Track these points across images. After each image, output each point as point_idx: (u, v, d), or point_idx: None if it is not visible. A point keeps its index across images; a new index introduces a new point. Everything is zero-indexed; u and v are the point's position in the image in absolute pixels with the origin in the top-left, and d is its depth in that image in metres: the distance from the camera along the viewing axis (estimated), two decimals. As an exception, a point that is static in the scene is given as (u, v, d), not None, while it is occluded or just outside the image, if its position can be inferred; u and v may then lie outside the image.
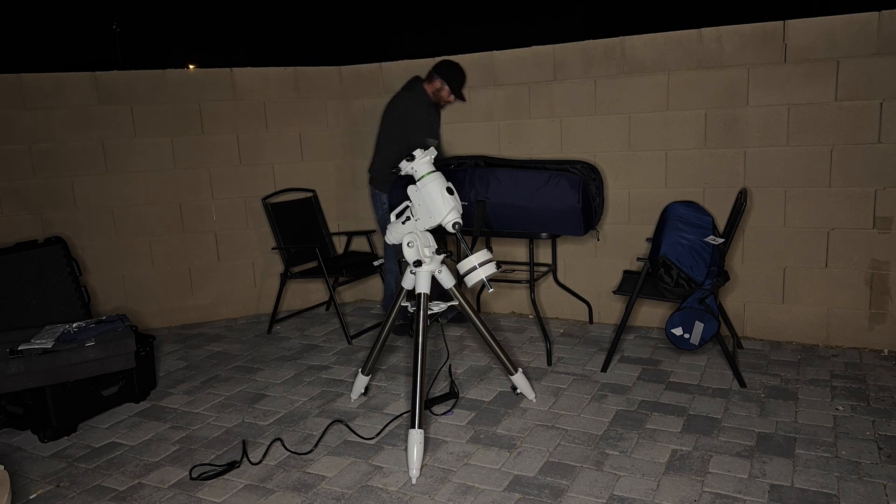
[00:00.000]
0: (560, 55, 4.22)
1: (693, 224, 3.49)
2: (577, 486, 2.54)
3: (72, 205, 4.41)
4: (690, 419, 3.03)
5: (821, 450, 2.72)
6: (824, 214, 3.71)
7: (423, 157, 2.83)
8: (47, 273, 3.90)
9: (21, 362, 3.07)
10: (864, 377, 3.38)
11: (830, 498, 2.40)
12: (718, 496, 2.44)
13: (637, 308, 4.22)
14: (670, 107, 3.96)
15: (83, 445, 3.07)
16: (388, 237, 3.01)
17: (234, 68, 4.65)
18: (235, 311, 4.90)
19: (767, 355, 3.74)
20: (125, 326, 3.48)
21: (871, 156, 3.56)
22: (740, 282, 3.97)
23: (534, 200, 3.76)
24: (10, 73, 4.20)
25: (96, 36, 25.41)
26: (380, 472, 2.71)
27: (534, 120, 4.36)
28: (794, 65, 3.63)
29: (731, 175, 3.88)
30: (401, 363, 3.86)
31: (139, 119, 4.48)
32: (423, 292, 2.85)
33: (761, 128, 3.75)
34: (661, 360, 3.72)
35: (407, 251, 2.87)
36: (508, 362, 3.21)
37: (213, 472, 2.76)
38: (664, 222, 3.57)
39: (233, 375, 3.82)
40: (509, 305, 4.71)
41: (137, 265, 4.61)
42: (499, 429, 3.03)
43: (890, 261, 3.62)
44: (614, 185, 4.20)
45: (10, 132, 4.23)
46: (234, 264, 4.84)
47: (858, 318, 3.74)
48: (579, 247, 4.40)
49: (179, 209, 4.66)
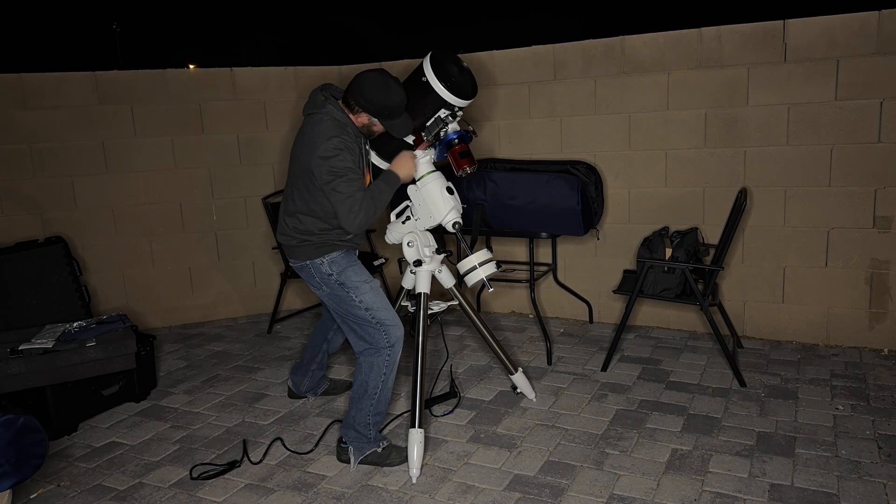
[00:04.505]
0: (560, 55, 4.22)
1: None
2: (577, 486, 2.54)
3: (72, 205, 4.41)
4: (690, 418, 3.03)
5: (821, 449, 2.72)
6: (824, 214, 3.71)
7: (424, 157, 2.83)
8: (47, 273, 3.90)
9: (21, 362, 3.07)
10: (864, 377, 3.38)
11: (830, 497, 2.40)
12: (718, 495, 2.44)
13: (637, 308, 4.22)
14: (670, 106, 3.96)
15: (83, 445, 3.07)
16: (388, 237, 3.01)
17: (234, 68, 4.65)
18: (235, 311, 4.90)
19: (767, 355, 3.74)
20: (126, 327, 3.48)
21: (870, 155, 3.56)
22: (740, 281, 3.97)
23: (533, 203, 3.77)
24: (10, 73, 4.20)
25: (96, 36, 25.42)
26: (380, 472, 2.71)
27: (533, 120, 4.36)
28: (794, 64, 3.63)
29: (731, 175, 3.87)
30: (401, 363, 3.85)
31: (139, 119, 4.48)
32: (424, 292, 2.85)
33: (761, 127, 3.75)
34: (662, 360, 3.72)
35: (407, 251, 2.87)
36: (508, 362, 3.21)
37: (213, 471, 2.77)
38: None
39: (233, 375, 3.82)
40: (509, 305, 4.71)
41: (138, 265, 4.61)
42: (499, 428, 3.03)
43: (890, 260, 3.62)
44: (614, 184, 4.20)
45: (10, 132, 4.22)
46: (234, 264, 4.84)
47: (858, 318, 3.74)
48: (579, 246, 4.40)
49: (179, 209, 4.66)
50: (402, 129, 2.65)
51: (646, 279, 3.51)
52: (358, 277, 2.73)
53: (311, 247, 2.71)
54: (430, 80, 2.55)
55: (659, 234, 3.78)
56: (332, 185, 2.52)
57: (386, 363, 2.74)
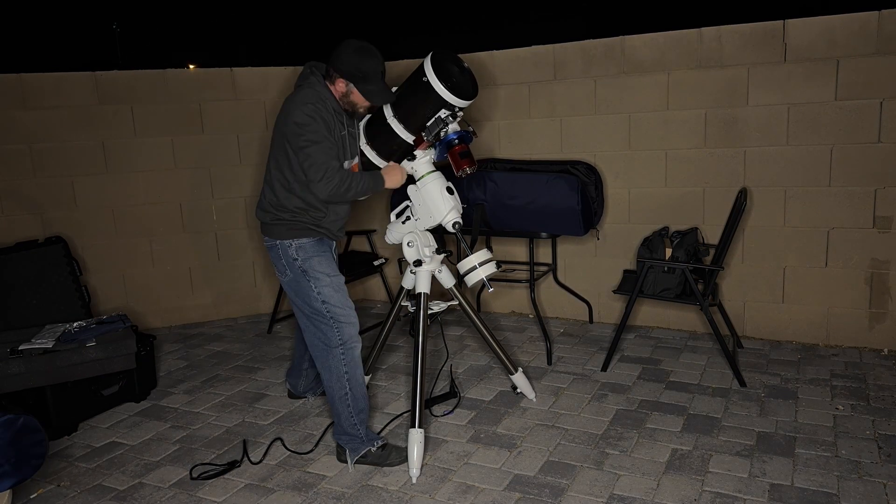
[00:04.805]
0: (560, 55, 4.22)
1: None
2: (577, 486, 2.54)
3: (72, 205, 4.41)
4: (690, 418, 3.03)
5: (821, 449, 2.72)
6: (824, 214, 3.71)
7: (424, 157, 2.83)
8: (47, 273, 3.90)
9: (21, 362, 3.07)
10: (864, 376, 3.38)
11: (830, 497, 2.40)
12: (718, 495, 2.44)
13: (637, 308, 4.22)
14: (670, 106, 3.96)
15: (83, 445, 3.07)
16: (388, 237, 3.01)
17: (234, 68, 4.65)
18: (235, 311, 4.90)
19: (767, 355, 3.74)
20: (126, 327, 3.48)
21: (870, 155, 3.56)
22: (740, 281, 3.97)
23: (533, 203, 3.78)
24: (10, 73, 4.20)
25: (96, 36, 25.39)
26: (380, 472, 2.71)
27: (534, 120, 4.36)
28: (794, 64, 3.63)
29: (731, 174, 3.88)
30: (401, 363, 3.86)
31: (139, 119, 4.48)
32: (424, 292, 2.86)
33: (761, 127, 3.75)
34: (662, 360, 3.72)
35: (407, 251, 2.87)
36: (508, 362, 3.21)
37: (213, 471, 2.77)
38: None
39: (233, 375, 3.82)
40: (509, 305, 4.71)
41: (137, 265, 4.61)
42: (499, 428, 3.03)
43: (890, 260, 3.62)
44: (614, 184, 4.20)
45: (10, 132, 4.22)
46: (234, 264, 4.84)
47: (858, 318, 3.74)
48: (579, 246, 4.40)
49: (179, 209, 4.66)
50: (379, 96, 2.64)
51: (646, 279, 3.51)
52: (322, 269, 2.72)
53: (283, 226, 2.70)
54: (430, 80, 2.55)
55: (659, 234, 3.79)
56: (306, 151, 2.53)
57: (343, 362, 2.71)
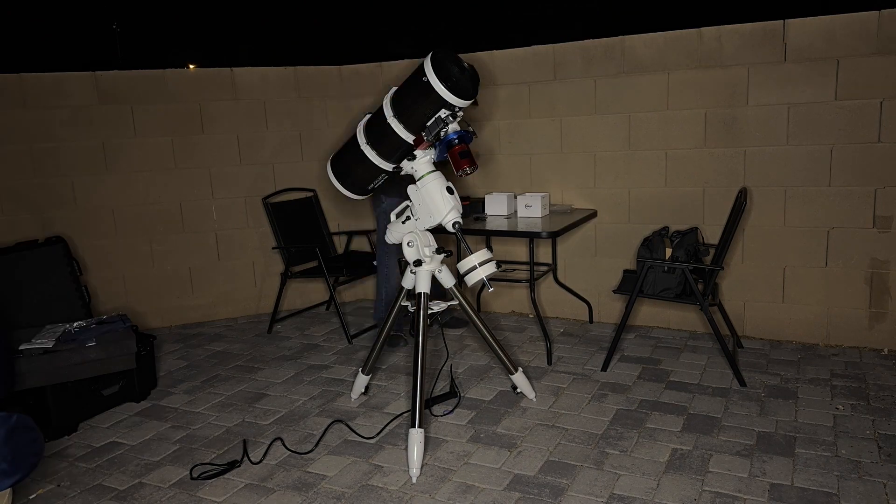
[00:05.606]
0: (560, 55, 4.22)
1: None
2: (577, 486, 2.54)
3: (72, 205, 4.41)
4: (690, 418, 3.03)
5: (821, 449, 2.72)
6: (824, 214, 3.71)
7: (424, 157, 2.83)
8: (48, 273, 3.90)
9: (21, 362, 3.07)
10: (864, 376, 3.38)
11: (830, 497, 2.40)
12: (718, 495, 2.44)
13: (637, 308, 4.22)
14: (670, 106, 3.96)
15: (83, 445, 3.07)
16: (389, 237, 3.01)
17: (234, 68, 4.65)
18: (235, 311, 4.91)
19: (767, 354, 3.74)
20: (126, 327, 3.48)
21: (870, 155, 3.56)
22: (740, 281, 3.97)
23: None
24: (10, 73, 4.20)
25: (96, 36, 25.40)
26: (380, 472, 2.71)
27: (533, 120, 4.36)
28: (794, 64, 3.63)
29: (731, 174, 3.88)
30: (401, 363, 3.86)
31: (139, 119, 4.48)
32: (424, 292, 2.86)
33: (761, 127, 3.75)
34: (661, 360, 3.72)
35: (407, 251, 2.87)
36: (508, 362, 3.21)
37: (213, 471, 2.77)
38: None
39: (233, 375, 3.82)
40: (509, 305, 4.71)
41: (137, 265, 4.61)
42: (499, 428, 3.03)
43: (890, 260, 3.62)
44: (614, 184, 4.20)
45: (10, 132, 4.22)
46: (234, 264, 4.84)
47: (858, 318, 3.74)
48: (579, 246, 4.40)
49: (179, 209, 4.66)
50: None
51: (646, 279, 3.51)
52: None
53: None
54: (430, 79, 2.55)
55: (659, 234, 3.78)
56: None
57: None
